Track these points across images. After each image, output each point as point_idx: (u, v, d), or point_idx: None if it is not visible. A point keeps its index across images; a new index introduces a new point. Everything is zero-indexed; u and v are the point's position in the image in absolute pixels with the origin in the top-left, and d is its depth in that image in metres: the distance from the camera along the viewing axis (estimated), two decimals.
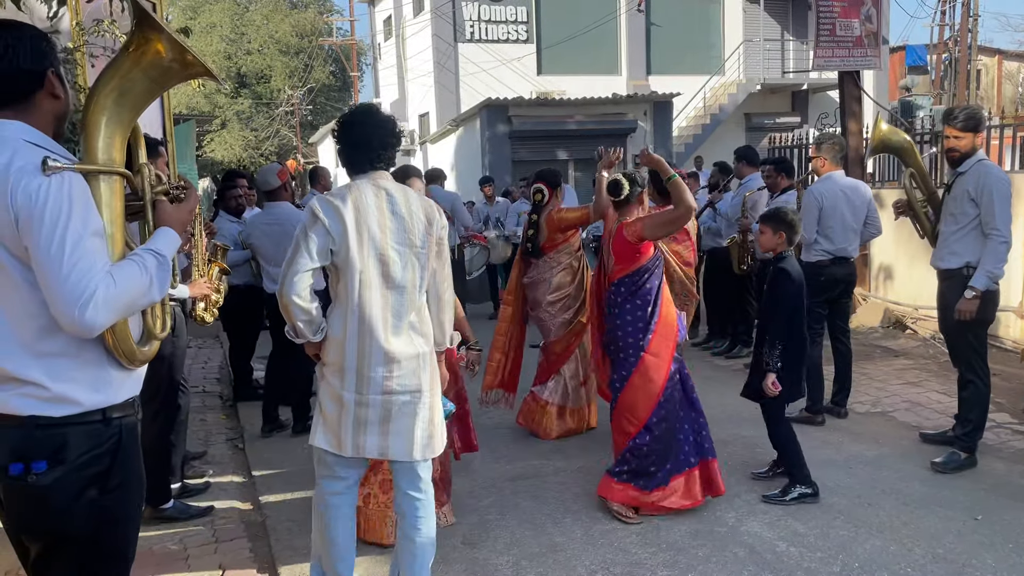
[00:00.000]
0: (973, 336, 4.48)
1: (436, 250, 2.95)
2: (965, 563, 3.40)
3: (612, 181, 4.10)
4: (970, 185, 4.35)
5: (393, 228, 2.83)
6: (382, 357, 2.82)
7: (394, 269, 2.83)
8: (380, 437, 2.86)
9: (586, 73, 19.48)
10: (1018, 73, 32.79)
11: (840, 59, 8.98)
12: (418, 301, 2.92)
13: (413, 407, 2.88)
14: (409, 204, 2.88)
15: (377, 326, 2.81)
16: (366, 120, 2.91)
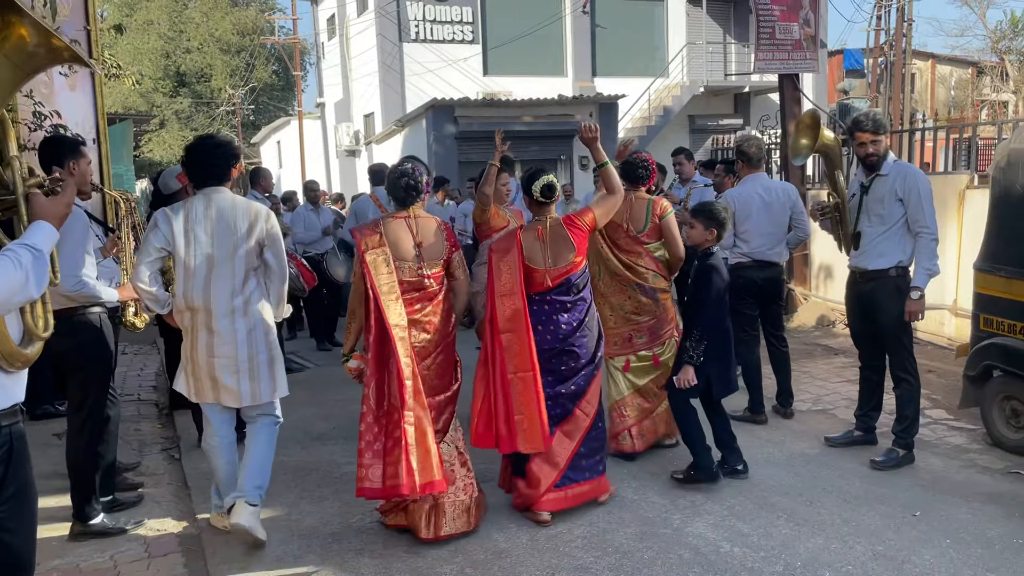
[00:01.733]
0: (905, 335, 4.57)
1: (266, 244, 3.77)
2: (904, 559, 3.44)
3: (547, 184, 4.05)
4: (896, 185, 4.43)
5: (218, 232, 3.68)
6: (206, 330, 3.70)
7: (219, 264, 3.68)
8: (212, 390, 3.76)
9: (532, 74, 19.49)
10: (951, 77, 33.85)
11: (780, 62, 9.12)
12: (242, 286, 3.73)
13: (234, 367, 3.72)
14: (235, 211, 3.72)
15: (201, 306, 3.69)
16: (203, 147, 3.77)
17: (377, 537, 3.85)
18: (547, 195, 4.05)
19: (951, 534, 3.66)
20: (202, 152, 3.74)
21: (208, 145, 3.79)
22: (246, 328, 3.72)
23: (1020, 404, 4.59)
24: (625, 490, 4.30)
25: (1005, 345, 4.64)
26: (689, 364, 4.14)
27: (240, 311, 3.71)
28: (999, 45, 32.31)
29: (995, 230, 4.87)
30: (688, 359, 4.15)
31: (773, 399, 5.56)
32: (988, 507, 3.93)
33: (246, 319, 3.72)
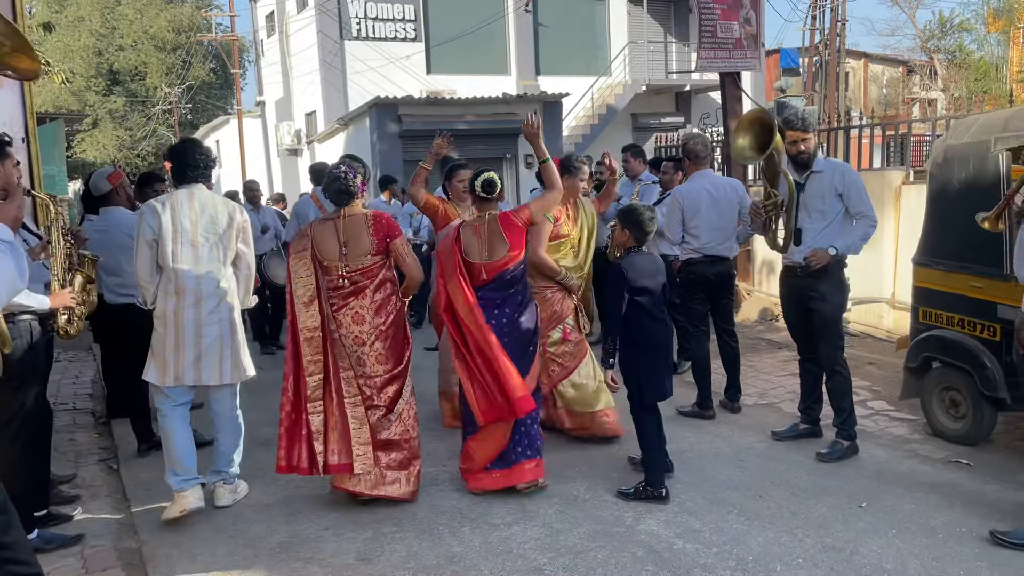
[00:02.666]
0: (839, 327, 4.67)
1: (241, 237, 4.26)
2: (853, 551, 3.49)
3: (488, 179, 4.22)
4: (835, 181, 4.51)
5: (202, 223, 4.12)
6: (192, 314, 4.08)
7: (202, 251, 4.12)
8: (194, 371, 4.11)
9: (476, 73, 19.42)
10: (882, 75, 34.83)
11: (722, 60, 9.24)
12: (222, 273, 4.17)
13: (218, 348, 4.13)
14: (215, 205, 4.19)
15: (190, 290, 4.07)
16: (188, 148, 4.28)
17: (326, 545, 3.76)
18: (487, 191, 4.22)
19: (896, 524, 3.73)
20: (187, 152, 4.23)
21: (187, 146, 4.32)
22: (228, 311, 4.20)
23: (959, 395, 4.71)
24: (577, 489, 4.28)
25: (944, 337, 4.76)
26: (606, 368, 4.21)
27: (224, 295, 4.17)
28: (928, 44, 33.40)
29: (933, 225, 4.99)
30: (602, 362, 4.27)
31: (721, 394, 5.62)
32: (931, 496, 4.02)
33: (228, 302, 4.20)
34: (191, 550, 3.76)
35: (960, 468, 4.41)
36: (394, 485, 4.13)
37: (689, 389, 5.65)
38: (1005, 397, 4.37)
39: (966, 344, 4.59)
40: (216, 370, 4.15)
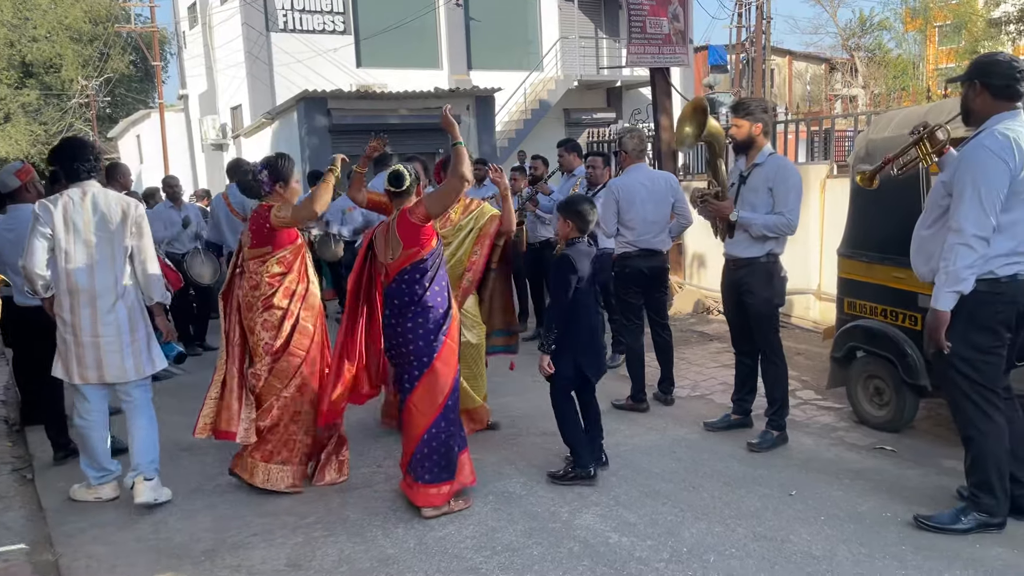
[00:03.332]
0: (774, 320, 4.73)
1: (135, 231, 4.18)
2: (784, 539, 3.54)
3: (395, 172, 4.02)
4: (769, 176, 4.57)
5: (95, 220, 4.08)
6: (88, 313, 4.07)
7: (96, 248, 4.08)
8: (96, 370, 4.11)
9: (407, 66, 19.24)
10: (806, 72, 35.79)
11: (652, 56, 9.33)
12: (118, 270, 4.13)
13: (118, 346, 4.11)
14: (108, 201, 4.15)
15: (85, 289, 4.06)
16: (71, 146, 4.25)
17: (254, 551, 3.64)
18: (394, 184, 4.00)
19: (825, 511, 3.80)
20: (71, 150, 4.20)
21: (75, 144, 4.29)
22: (126, 308, 4.15)
23: (883, 383, 4.84)
24: (513, 486, 4.25)
25: (868, 327, 4.88)
26: (544, 352, 4.21)
27: (121, 293, 4.13)
28: (849, 42, 34.47)
29: (856, 218, 5.11)
30: (540, 347, 4.26)
31: (655, 386, 5.66)
32: (857, 483, 4.12)
33: (125, 300, 4.15)
34: (110, 561, 3.60)
35: (884, 454, 4.52)
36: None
37: (623, 382, 5.67)
38: (926, 384, 4.50)
39: (889, 333, 4.71)
40: (119, 368, 4.14)
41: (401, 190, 4.01)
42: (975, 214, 3.23)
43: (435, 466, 3.92)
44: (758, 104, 4.71)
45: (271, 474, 4.26)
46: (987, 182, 3.21)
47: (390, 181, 4.02)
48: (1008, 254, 3.30)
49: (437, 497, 3.92)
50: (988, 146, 3.23)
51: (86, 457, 4.27)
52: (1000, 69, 3.31)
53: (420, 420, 3.92)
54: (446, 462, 3.94)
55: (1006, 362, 3.47)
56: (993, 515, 3.46)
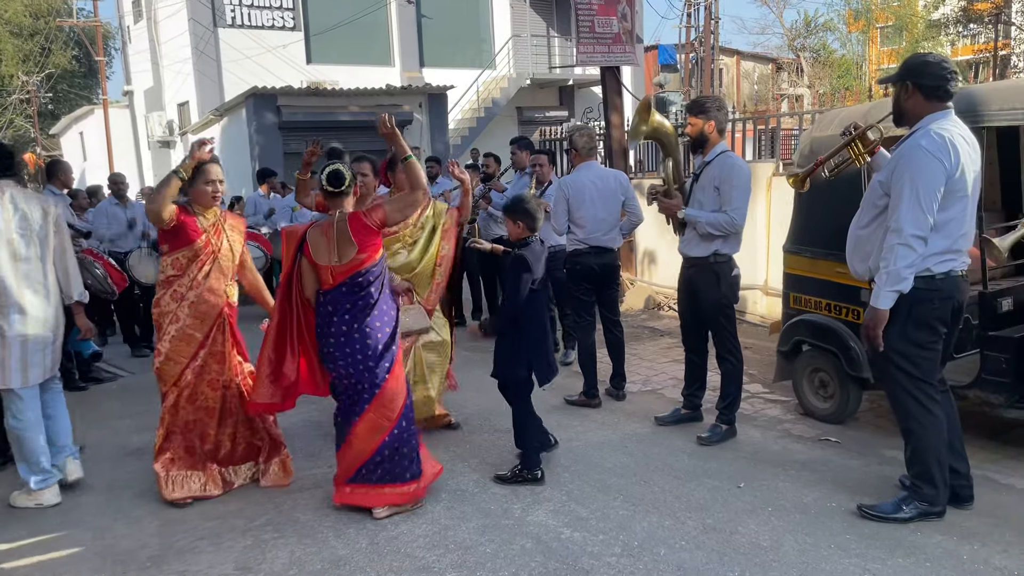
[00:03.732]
0: (725, 318, 4.79)
1: (55, 230, 4.19)
2: (732, 531, 3.60)
3: (334, 171, 3.89)
4: (716, 172, 4.63)
5: (16, 220, 4.03)
6: (16, 311, 4.02)
7: (19, 249, 4.03)
8: (21, 373, 4.07)
9: (359, 63, 19.06)
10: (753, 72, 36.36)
11: (601, 55, 9.38)
12: (41, 270, 4.11)
13: (42, 347, 4.12)
14: (27, 201, 4.11)
15: (11, 289, 4.00)
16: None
17: (202, 556, 3.58)
18: (333, 183, 3.87)
19: (772, 502, 3.87)
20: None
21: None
22: (52, 307, 4.17)
23: (827, 376, 4.95)
24: (466, 483, 4.25)
25: (813, 321, 4.98)
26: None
27: (47, 292, 4.13)
28: (795, 43, 35.11)
29: (801, 214, 5.21)
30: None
31: (607, 382, 5.71)
32: (803, 474, 4.20)
33: (50, 299, 4.16)
34: (52, 570, 3.51)
35: (829, 445, 4.62)
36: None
37: (576, 379, 5.70)
38: (869, 377, 4.61)
39: (833, 327, 4.82)
40: (41, 368, 4.17)
41: (339, 190, 3.88)
42: (914, 214, 3.31)
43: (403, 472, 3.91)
44: (713, 102, 4.75)
45: (174, 482, 4.13)
46: (924, 182, 3.29)
47: (328, 180, 3.86)
48: (943, 252, 3.40)
49: (389, 496, 3.89)
50: (925, 147, 3.30)
51: (23, 461, 4.18)
52: (931, 70, 3.39)
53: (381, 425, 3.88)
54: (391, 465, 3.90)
55: (942, 356, 3.58)
56: (933, 504, 3.56)
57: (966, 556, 3.27)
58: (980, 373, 4.26)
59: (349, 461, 3.92)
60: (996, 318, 4.28)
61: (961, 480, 3.66)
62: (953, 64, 3.46)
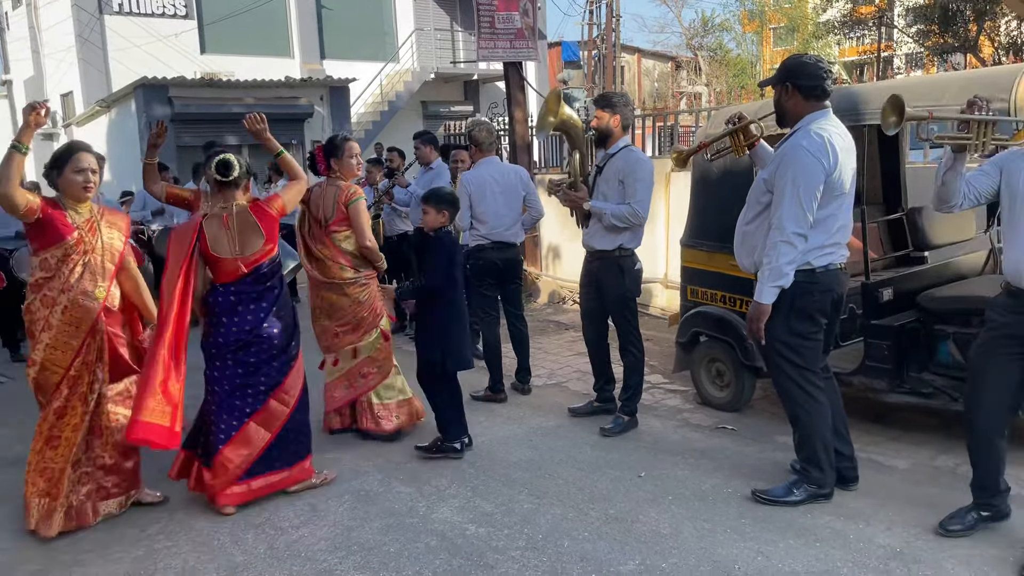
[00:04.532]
0: (628, 311, 4.88)
1: None
2: (634, 520, 3.67)
3: (223, 160, 3.85)
4: (620, 166, 4.70)
5: None
6: None
7: None
8: None
9: (256, 54, 18.50)
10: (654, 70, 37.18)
11: (503, 50, 9.40)
12: None
13: None
14: None
15: None
16: None
17: (89, 569, 3.41)
18: (223, 173, 3.81)
19: (671, 490, 3.97)
20: None
21: None
22: None
23: (723, 365, 5.11)
24: (370, 483, 4.19)
25: (709, 313, 5.13)
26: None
27: None
28: (692, 42, 36.10)
29: (696, 209, 5.35)
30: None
31: (512, 377, 5.73)
32: (701, 462, 4.32)
33: None
34: None
35: (726, 433, 4.77)
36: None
37: (481, 374, 5.70)
38: (762, 366, 4.76)
39: (728, 318, 4.97)
40: None
41: (229, 179, 3.83)
42: (795, 212, 3.44)
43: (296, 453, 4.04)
44: (620, 98, 4.83)
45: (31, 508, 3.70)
46: (805, 181, 3.42)
47: (217, 169, 3.80)
48: (823, 246, 3.55)
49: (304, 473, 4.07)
50: (806, 147, 3.43)
51: None
52: (809, 70, 3.52)
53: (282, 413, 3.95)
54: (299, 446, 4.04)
55: (824, 345, 3.74)
56: (821, 487, 3.73)
57: (852, 536, 3.43)
58: (864, 360, 4.48)
59: (243, 458, 3.85)
60: (878, 307, 4.50)
61: (846, 463, 3.84)
62: (828, 64, 3.61)
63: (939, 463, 4.18)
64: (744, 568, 3.21)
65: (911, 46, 27.69)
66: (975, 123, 2.96)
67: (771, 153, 3.77)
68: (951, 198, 3.18)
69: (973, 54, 20.45)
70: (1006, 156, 3.10)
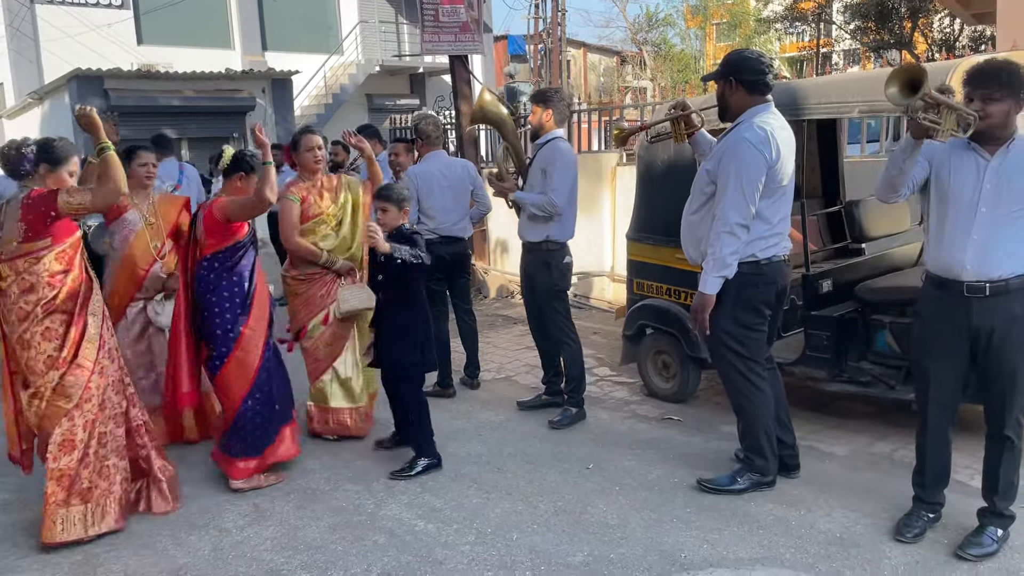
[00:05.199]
0: (557, 302, 4.91)
1: None
2: (582, 511, 3.70)
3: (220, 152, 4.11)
4: (544, 157, 4.75)
5: None
6: None
7: None
8: None
9: (196, 45, 18.05)
10: (600, 64, 37.41)
11: (447, 43, 9.35)
12: None
13: None
14: None
15: None
16: None
17: None
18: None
19: (619, 481, 4.01)
20: None
21: None
22: None
23: (669, 357, 5.17)
24: (317, 481, 4.15)
25: (655, 305, 5.18)
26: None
27: None
28: (637, 36, 36.42)
29: (642, 203, 5.40)
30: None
31: (461, 372, 5.72)
32: (648, 452, 4.37)
33: None
34: None
35: (672, 424, 4.84)
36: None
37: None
38: (706, 357, 4.84)
39: (673, 311, 5.03)
40: None
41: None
42: (737, 203, 3.50)
43: (241, 441, 4.05)
44: (555, 93, 4.88)
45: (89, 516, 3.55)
46: (747, 173, 3.49)
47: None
48: (766, 237, 3.61)
49: (244, 471, 4.05)
50: (749, 139, 3.50)
51: None
52: (750, 65, 3.59)
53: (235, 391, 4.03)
54: (253, 439, 4.05)
55: (768, 336, 3.81)
56: (765, 475, 3.80)
57: (794, 522, 3.51)
58: (804, 350, 4.58)
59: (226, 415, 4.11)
60: (818, 299, 4.60)
61: (788, 451, 3.92)
62: (769, 58, 3.68)
63: (877, 450, 4.30)
64: (690, 556, 3.26)
65: (849, 43, 28.37)
66: (945, 109, 2.96)
67: (710, 142, 3.83)
68: (900, 187, 3.21)
69: (908, 50, 21.05)
70: (935, 149, 3.17)
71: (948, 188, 3.13)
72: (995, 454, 3.19)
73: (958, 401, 3.28)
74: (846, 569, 3.13)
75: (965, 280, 3.08)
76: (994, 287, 3.03)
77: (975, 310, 3.07)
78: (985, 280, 3.04)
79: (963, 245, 3.07)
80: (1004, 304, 3.03)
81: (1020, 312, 3.03)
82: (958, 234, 3.09)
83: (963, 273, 3.08)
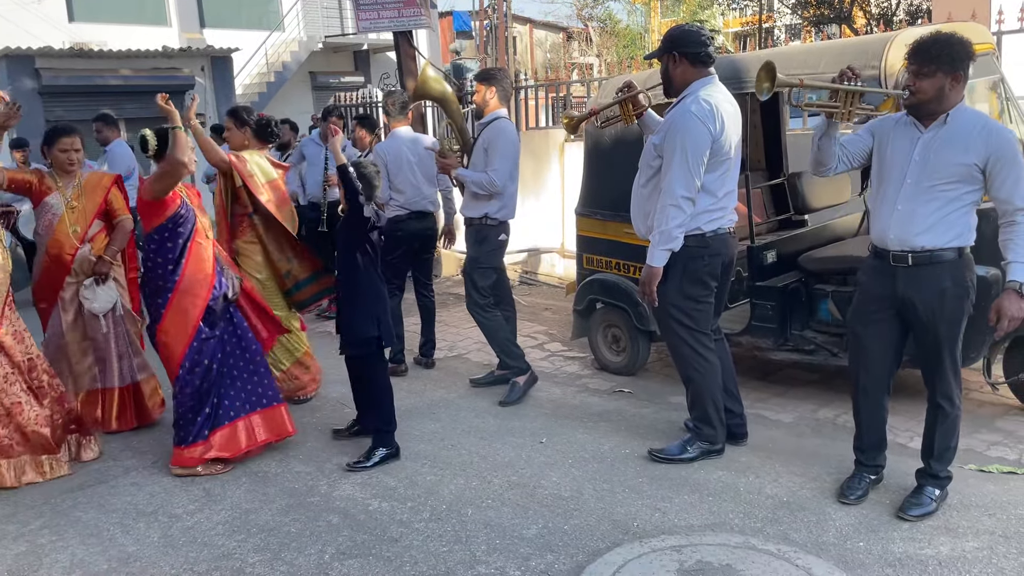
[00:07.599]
0: (476, 274, 4.87)
1: None
2: (536, 485, 3.73)
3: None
4: (487, 136, 4.76)
5: None
6: None
7: None
8: None
9: (130, 22, 17.46)
10: (546, 40, 37.29)
11: (388, 20, 9.23)
12: None
13: None
14: None
15: None
16: None
17: None
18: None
19: (572, 454, 4.05)
20: None
21: None
22: None
23: (619, 331, 5.22)
24: (268, 464, 4.10)
25: (604, 280, 5.22)
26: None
27: None
28: (583, 12, 36.36)
29: (590, 178, 5.42)
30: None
31: (415, 350, 5.70)
32: (600, 424, 4.42)
33: None
34: None
35: (623, 396, 4.90)
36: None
37: None
38: (655, 330, 4.90)
39: (622, 285, 5.07)
40: None
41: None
42: (683, 177, 3.54)
43: (181, 429, 3.98)
44: (500, 72, 4.96)
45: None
46: (693, 147, 3.52)
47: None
48: (711, 210, 3.66)
49: (188, 459, 3.97)
50: (694, 112, 3.53)
51: None
52: (692, 37, 3.62)
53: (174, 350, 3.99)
54: (192, 426, 3.97)
55: (715, 308, 3.87)
56: (713, 443, 3.88)
57: (743, 488, 3.59)
58: (750, 320, 4.66)
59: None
60: (763, 270, 4.69)
61: (736, 419, 4.00)
62: (708, 31, 3.72)
63: (821, 415, 4.42)
64: (642, 524, 3.32)
65: (790, 18, 28.73)
66: (843, 93, 3.09)
67: (659, 121, 3.86)
68: (827, 161, 3.32)
69: (847, 24, 21.40)
70: (878, 123, 3.25)
71: (885, 159, 3.21)
72: (931, 420, 3.30)
73: (891, 368, 3.38)
74: (792, 532, 3.21)
75: (891, 249, 3.17)
76: (917, 257, 3.12)
77: (900, 279, 3.16)
78: (908, 250, 3.13)
79: (889, 214, 3.16)
80: (930, 275, 3.12)
81: (950, 285, 3.11)
82: (886, 204, 3.18)
83: (888, 242, 3.17)
